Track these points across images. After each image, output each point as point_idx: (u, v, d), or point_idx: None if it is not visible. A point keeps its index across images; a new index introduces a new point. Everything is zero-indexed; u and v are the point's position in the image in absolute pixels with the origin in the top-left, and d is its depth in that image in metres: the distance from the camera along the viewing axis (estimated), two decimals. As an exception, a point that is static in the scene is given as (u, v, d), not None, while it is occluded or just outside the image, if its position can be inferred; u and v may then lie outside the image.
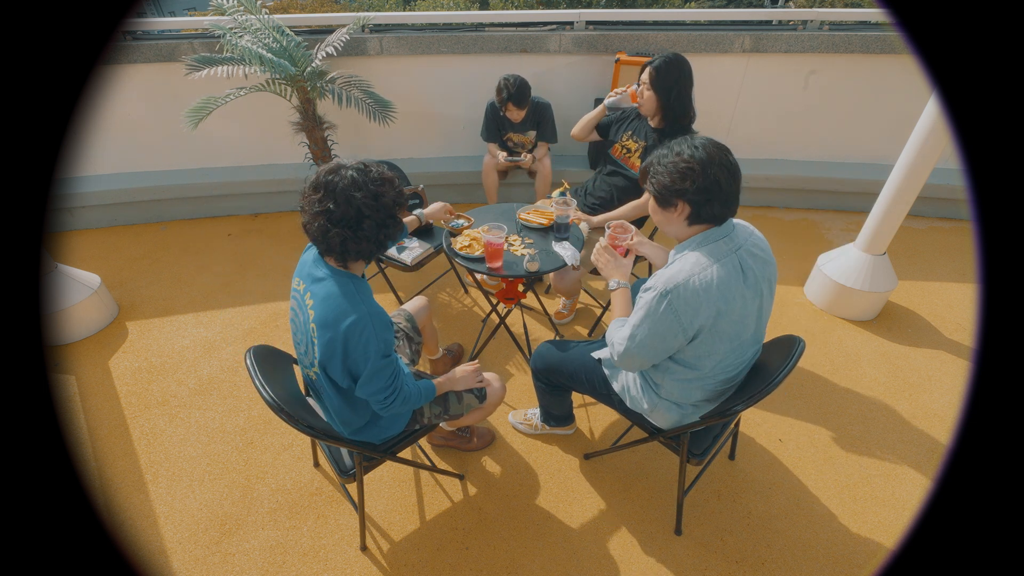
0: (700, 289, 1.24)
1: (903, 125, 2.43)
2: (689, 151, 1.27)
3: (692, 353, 1.36)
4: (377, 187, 1.20)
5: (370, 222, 1.20)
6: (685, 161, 1.26)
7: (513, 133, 3.01)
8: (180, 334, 2.59)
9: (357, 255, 1.24)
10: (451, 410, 1.63)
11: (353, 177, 1.18)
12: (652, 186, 1.32)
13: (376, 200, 1.20)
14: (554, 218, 2.07)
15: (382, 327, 1.25)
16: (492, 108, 2.95)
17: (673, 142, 1.32)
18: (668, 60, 2.04)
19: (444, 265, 2.91)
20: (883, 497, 1.86)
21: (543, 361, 1.76)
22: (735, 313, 1.29)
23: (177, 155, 3.47)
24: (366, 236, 1.21)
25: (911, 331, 2.60)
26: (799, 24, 3.29)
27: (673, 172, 1.27)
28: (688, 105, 2.09)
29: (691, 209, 1.29)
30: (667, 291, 1.25)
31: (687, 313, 1.25)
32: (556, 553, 1.70)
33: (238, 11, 2.71)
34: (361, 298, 1.25)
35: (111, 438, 2.08)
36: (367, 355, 1.24)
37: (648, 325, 1.31)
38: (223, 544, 1.74)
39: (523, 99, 2.71)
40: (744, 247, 1.33)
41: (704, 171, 1.25)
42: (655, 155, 1.34)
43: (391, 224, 1.25)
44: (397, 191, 1.26)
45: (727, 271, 1.27)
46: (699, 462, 1.58)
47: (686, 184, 1.26)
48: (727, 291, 1.26)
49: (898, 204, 2.35)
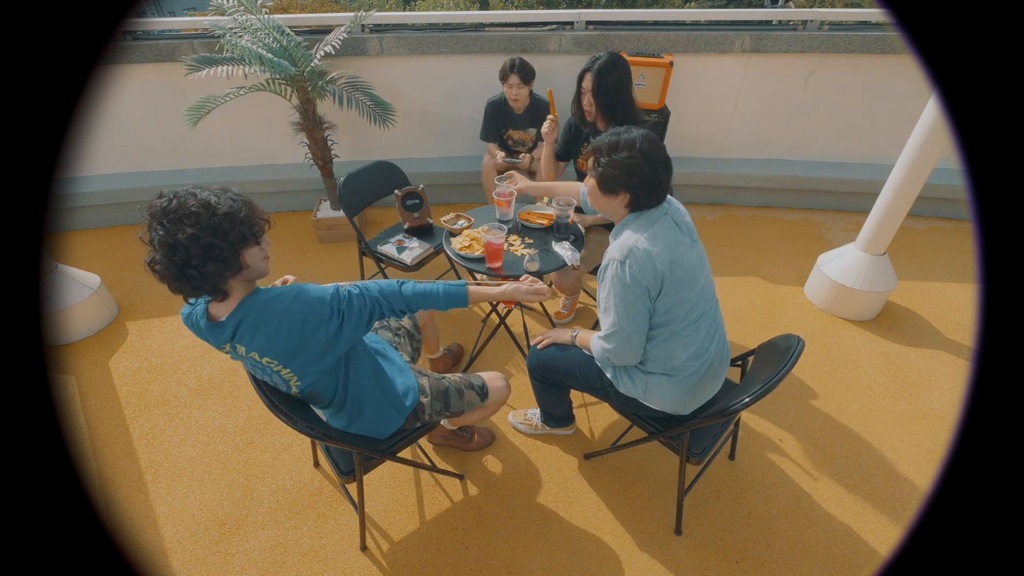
0: (649, 246, 1.37)
1: (903, 125, 2.43)
2: (638, 145, 1.38)
3: (662, 307, 1.44)
4: (176, 225, 1.06)
5: (164, 260, 1.08)
6: (633, 157, 1.37)
7: (513, 130, 3.01)
8: (180, 334, 2.59)
9: (185, 292, 1.13)
10: (452, 407, 1.62)
11: (161, 207, 1.07)
12: (599, 175, 1.44)
13: (173, 237, 1.06)
14: (554, 218, 2.07)
15: (306, 294, 1.22)
16: (491, 106, 2.95)
17: (619, 131, 1.43)
18: (605, 65, 1.99)
19: (444, 265, 2.91)
20: (883, 497, 1.86)
21: (538, 358, 1.76)
22: (685, 260, 1.41)
23: (177, 155, 3.47)
24: (165, 274, 1.09)
25: (911, 331, 2.60)
26: (799, 24, 3.29)
27: (622, 166, 1.38)
28: (631, 102, 2.06)
29: (631, 198, 1.43)
30: (624, 257, 1.38)
31: (647, 268, 1.37)
32: (556, 553, 1.70)
33: (238, 11, 2.70)
34: (268, 309, 1.19)
35: (111, 438, 2.08)
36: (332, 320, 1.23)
37: (621, 295, 1.41)
38: (223, 544, 1.74)
39: (527, 72, 2.76)
40: (670, 210, 1.47)
41: (651, 168, 1.38)
42: (602, 143, 1.43)
43: (196, 264, 1.08)
44: (207, 226, 1.08)
45: (664, 227, 1.42)
46: (699, 462, 1.58)
47: (632, 179, 1.39)
48: (672, 243, 1.40)
49: (898, 204, 2.35)
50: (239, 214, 1.12)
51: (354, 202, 2.39)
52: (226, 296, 1.18)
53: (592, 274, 2.35)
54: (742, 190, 3.63)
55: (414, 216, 2.49)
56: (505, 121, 2.98)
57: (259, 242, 1.18)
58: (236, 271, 1.15)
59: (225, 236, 1.10)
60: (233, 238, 1.11)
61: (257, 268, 1.20)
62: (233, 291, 1.19)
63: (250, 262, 1.17)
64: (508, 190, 2.06)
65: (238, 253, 1.13)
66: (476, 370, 2.29)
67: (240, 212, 1.12)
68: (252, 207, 1.17)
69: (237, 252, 1.13)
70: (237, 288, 1.20)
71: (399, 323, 1.81)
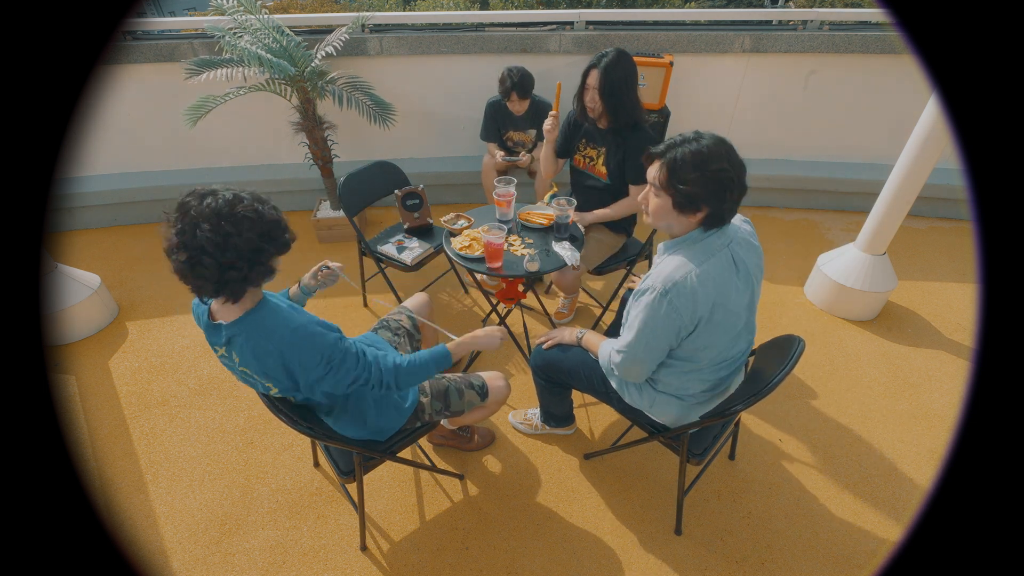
0: (697, 284, 1.25)
1: (903, 125, 2.43)
2: (726, 155, 1.20)
3: (690, 347, 1.37)
4: (230, 225, 1.06)
5: (210, 260, 1.07)
6: (725, 171, 1.20)
7: (513, 131, 3.00)
8: (180, 334, 2.59)
9: (198, 291, 1.13)
10: (452, 406, 1.62)
11: (209, 207, 1.06)
12: (680, 193, 1.24)
13: (225, 239, 1.06)
14: (554, 218, 2.07)
15: (305, 340, 1.20)
16: (491, 107, 2.95)
17: (690, 139, 1.24)
18: (612, 61, 1.95)
19: (444, 265, 2.91)
20: (883, 497, 1.86)
21: (542, 358, 1.76)
22: (730, 305, 1.31)
23: (177, 155, 3.47)
24: (202, 274, 1.08)
25: (911, 331, 2.60)
26: (799, 24, 3.29)
27: (714, 183, 1.21)
28: (636, 101, 2.04)
29: (710, 215, 1.26)
30: (666, 290, 1.26)
31: (687, 309, 1.26)
32: (556, 553, 1.70)
33: (238, 11, 2.70)
34: (266, 335, 1.18)
35: (111, 438, 2.08)
36: (316, 370, 1.22)
37: (650, 327, 1.32)
38: (223, 544, 1.74)
39: (527, 89, 2.72)
40: (735, 239, 1.34)
41: (740, 181, 1.22)
42: (683, 156, 1.22)
43: (240, 267, 1.10)
44: (263, 235, 1.11)
45: (722, 265, 1.29)
46: (699, 462, 1.58)
47: (721, 196, 1.22)
48: (723, 285, 1.28)
49: (898, 204, 2.35)
50: (282, 222, 1.17)
51: (354, 202, 2.39)
52: (240, 297, 1.18)
53: (592, 274, 2.35)
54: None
55: (414, 216, 2.49)
56: (505, 122, 2.97)
57: (288, 250, 1.22)
58: (270, 276, 1.19)
59: (273, 242, 1.14)
60: (279, 245, 1.16)
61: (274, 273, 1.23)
62: (248, 292, 1.19)
63: (277, 268, 1.20)
64: (508, 191, 2.06)
65: (276, 259, 1.18)
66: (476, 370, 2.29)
67: (282, 220, 1.17)
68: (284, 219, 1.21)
69: (277, 259, 1.18)
70: (251, 292, 1.20)
71: (399, 323, 1.81)
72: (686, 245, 1.32)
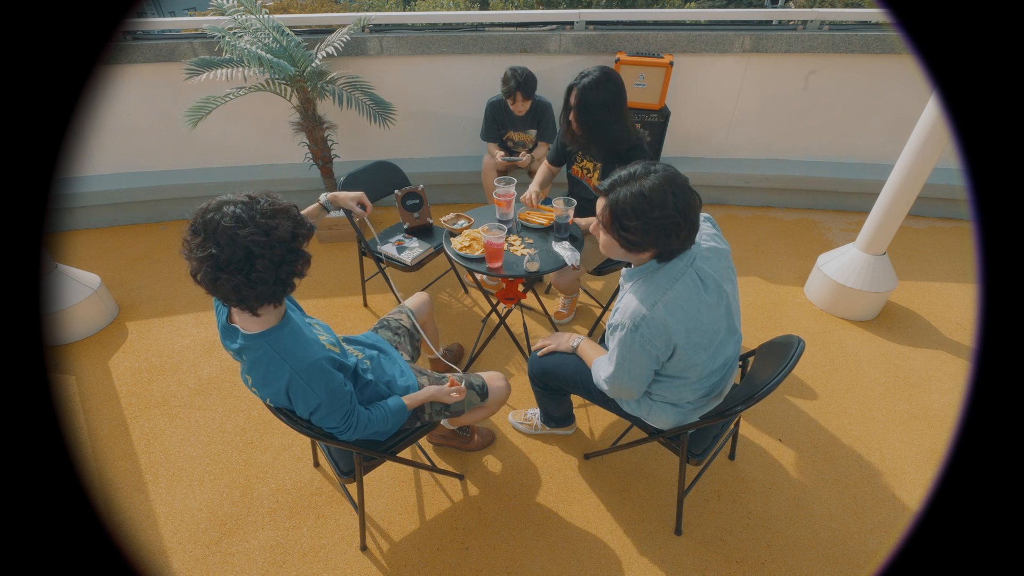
0: (666, 314, 1.25)
1: (903, 125, 2.43)
2: (670, 200, 1.15)
3: (673, 368, 1.38)
4: (267, 220, 1.06)
5: (263, 262, 1.06)
6: (667, 216, 1.16)
7: (513, 132, 3.00)
8: (180, 334, 2.59)
9: (256, 300, 1.10)
10: (452, 407, 1.62)
11: (236, 213, 1.04)
12: (623, 238, 1.23)
13: (267, 235, 1.06)
14: (554, 218, 2.07)
15: (316, 376, 1.20)
16: (492, 107, 2.94)
17: (635, 175, 1.20)
18: (592, 82, 1.80)
19: (444, 265, 2.91)
20: (883, 497, 1.86)
21: (539, 366, 1.75)
22: (705, 322, 1.30)
23: (177, 155, 3.47)
24: (261, 279, 1.07)
25: (911, 331, 2.60)
26: (799, 24, 3.29)
27: (654, 229, 1.19)
28: (621, 125, 1.92)
29: (659, 253, 1.27)
30: (635, 325, 1.26)
31: (660, 339, 1.27)
32: (556, 553, 1.70)
33: (238, 11, 2.70)
34: (283, 358, 1.17)
35: (111, 438, 2.08)
36: (308, 406, 1.23)
37: (628, 361, 1.34)
38: (223, 544, 1.74)
39: (531, 89, 2.73)
40: (697, 256, 1.30)
41: (686, 220, 1.18)
42: (623, 202, 1.18)
43: (291, 259, 1.11)
44: (295, 220, 1.12)
45: (688, 288, 1.27)
46: (699, 462, 1.58)
47: (666, 239, 1.21)
48: (692, 308, 1.27)
49: (898, 204, 2.35)
50: (292, 210, 1.15)
51: (354, 202, 2.39)
52: (281, 298, 1.18)
53: (591, 274, 2.35)
54: (742, 190, 3.63)
55: (414, 216, 2.49)
56: (505, 122, 2.97)
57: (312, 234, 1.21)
58: (292, 287, 1.17)
59: (302, 226, 1.13)
60: (308, 229, 1.15)
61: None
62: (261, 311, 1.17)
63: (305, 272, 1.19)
64: (508, 191, 2.06)
65: (301, 270, 1.16)
66: (476, 370, 2.29)
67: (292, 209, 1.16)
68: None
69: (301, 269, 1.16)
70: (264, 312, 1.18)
71: (399, 323, 1.81)
72: (647, 274, 1.30)
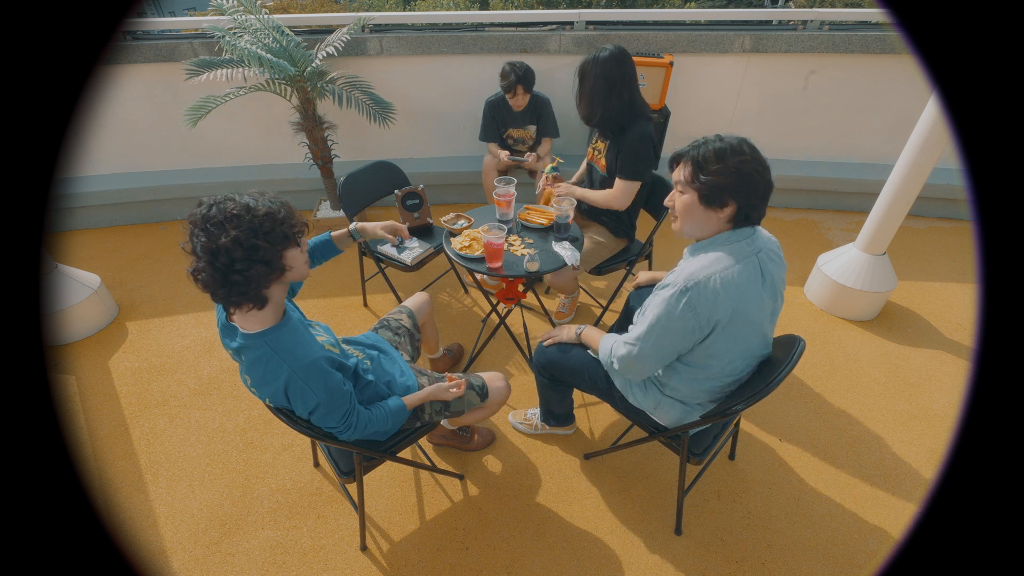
0: (720, 287, 1.22)
1: (903, 125, 2.43)
2: (747, 148, 1.20)
3: (702, 353, 1.34)
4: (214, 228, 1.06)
5: (205, 265, 1.08)
6: (746, 162, 1.19)
7: (513, 129, 3.00)
8: (180, 334, 2.59)
9: (228, 300, 1.13)
10: (452, 406, 1.62)
11: (201, 213, 1.07)
12: (704, 185, 1.23)
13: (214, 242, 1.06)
14: (554, 218, 2.07)
15: (315, 375, 1.20)
16: (490, 106, 2.95)
17: (711, 138, 1.25)
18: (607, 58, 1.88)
19: (444, 265, 2.91)
20: (883, 497, 1.86)
21: (545, 356, 1.76)
22: (751, 314, 1.27)
23: (177, 155, 3.47)
24: (206, 281, 1.09)
25: (911, 331, 2.60)
26: (799, 24, 3.29)
27: (736, 173, 1.19)
28: (627, 103, 1.98)
29: (737, 210, 1.24)
30: (687, 287, 1.23)
31: (705, 309, 1.23)
32: (556, 553, 1.70)
33: (238, 11, 2.70)
34: (281, 357, 1.18)
35: (111, 438, 2.08)
36: (307, 405, 1.23)
37: (663, 323, 1.29)
38: (223, 544, 1.74)
39: (530, 82, 2.75)
40: (764, 250, 1.30)
41: (766, 175, 1.20)
42: (706, 151, 1.23)
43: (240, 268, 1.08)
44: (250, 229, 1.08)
45: (748, 272, 1.25)
46: (699, 462, 1.58)
47: (746, 187, 1.21)
48: (746, 291, 1.25)
49: (898, 204, 2.35)
50: (279, 214, 1.13)
51: (354, 202, 2.39)
52: (265, 303, 1.16)
53: (590, 273, 2.35)
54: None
55: (414, 216, 2.49)
56: (505, 120, 2.98)
57: (299, 243, 1.19)
58: (279, 273, 1.15)
59: (267, 236, 1.10)
60: (275, 238, 1.12)
61: (299, 270, 1.20)
62: (271, 299, 1.17)
63: (291, 263, 1.17)
64: (508, 191, 2.06)
65: (280, 254, 1.14)
66: (476, 370, 2.29)
67: (279, 212, 1.13)
68: (290, 208, 1.18)
69: (279, 253, 1.14)
70: (274, 299, 1.18)
71: (399, 323, 1.81)
72: (714, 247, 1.28)
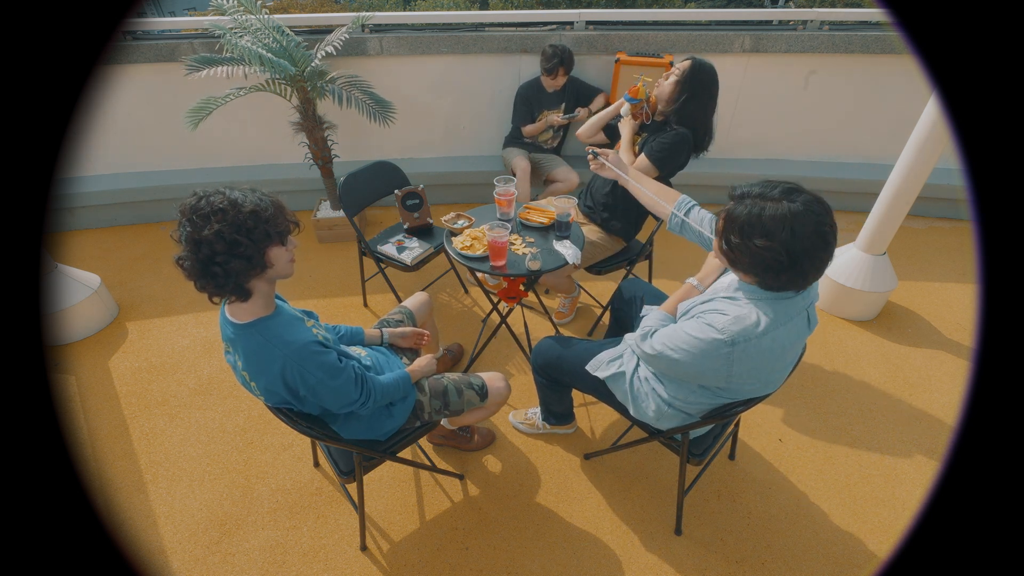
0: (767, 350, 1.15)
1: (903, 125, 2.43)
2: (783, 232, 1.04)
3: (722, 383, 1.30)
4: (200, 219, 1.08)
5: (187, 255, 1.10)
6: (770, 249, 1.06)
7: (546, 110, 3.12)
8: (180, 334, 2.59)
9: (209, 290, 1.15)
10: (451, 405, 1.62)
11: (189, 204, 1.09)
12: (725, 250, 1.16)
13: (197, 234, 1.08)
14: (555, 217, 2.07)
15: (309, 357, 1.21)
16: (524, 89, 3.08)
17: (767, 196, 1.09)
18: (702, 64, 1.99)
19: (444, 265, 2.91)
20: (883, 497, 1.86)
21: (543, 357, 1.76)
22: (786, 358, 1.23)
23: (177, 155, 3.47)
24: (187, 269, 1.12)
25: (911, 331, 2.60)
26: (799, 24, 3.29)
27: (753, 256, 1.09)
28: (700, 111, 2.03)
29: (759, 282, 1.16)
30: (733, 342, 1.14)
31: (742, 365, 1.16)
32: (556, 553, 1.70)
33: (238, 11, 2.70)
34: (273, 344, 1.19)
35: (111, 438, 2.08)
36: (308, 383, 1.24)
37: (692, 365, 1.23)
38: (223, 544, 1.74)
39: (571, 63, 2.91)
40: (812, 299, 1.21)
41: (792, 262, 1.06)
42: (739, 211, 1.11)
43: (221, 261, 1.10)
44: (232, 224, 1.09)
45: (797, 328, 1.17)
46: (699, 462, 1.58)
47: (767, 275, 1.11)
48: (789, 348, 1.19)
49: (898, 204, 2.35)
50: (265, 212, 1.13)
51: (354, 202, 2.39)
52: (249, 296, 1.18)
53: (589, 272, 2.35)
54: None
55: (414, 216, 2.49)
56: (541, 101, 3.09)
57: (284, 242, 1.18)
58: (260, 270, 1.16)
59: (249, 233, 1.10)
60: (257, 236, 1.12)
61: (281, 269, 1.20)
62: (256, 292, 1.19)
63: (274, 261, 1.18)
64: (508, 190, 2.06)
65: (262, 252, 1.14)
66: (476, 370, 2.29)
67: (266, 211, 1.13)
68: (280, 207, 1.18)
69: (261, 251, 1.14)
70: (259, 292, 1.19)
71: (399, 323, 1.81)
72: (757, 297, 1.17)
